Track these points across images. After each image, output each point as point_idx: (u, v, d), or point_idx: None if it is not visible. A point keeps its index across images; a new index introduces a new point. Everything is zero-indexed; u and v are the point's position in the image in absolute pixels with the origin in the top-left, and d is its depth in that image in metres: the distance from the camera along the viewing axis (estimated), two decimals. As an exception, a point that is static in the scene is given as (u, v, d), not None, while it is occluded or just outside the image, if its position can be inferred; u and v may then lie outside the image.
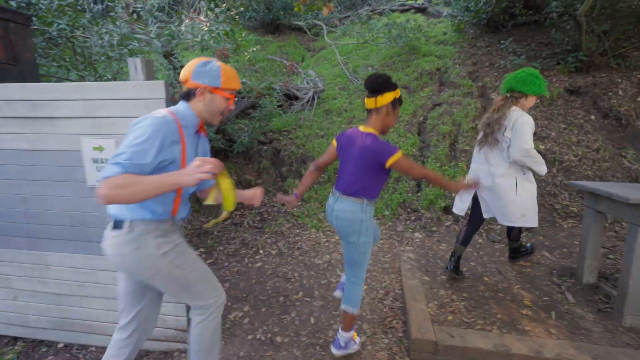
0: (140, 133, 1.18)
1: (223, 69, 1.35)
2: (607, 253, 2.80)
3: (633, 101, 4.23)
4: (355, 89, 5.55)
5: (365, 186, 1.70)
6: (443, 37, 6.35)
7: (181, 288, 1.38)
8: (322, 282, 2.65)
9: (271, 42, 8.08)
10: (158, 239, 1.31)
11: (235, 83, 1.39)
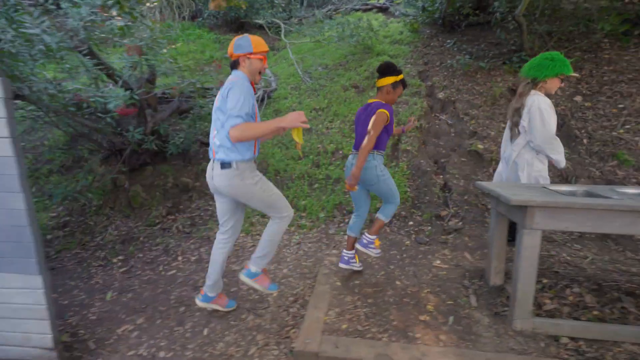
0: (237, 95, 1.74)
1: (252, 39, 1.89)
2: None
3: (570, 100, 4.28)
4: (306, 88, 5.46)
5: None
6: (399, 36, 6.33)
7: (267, 205, 1.97)
8: (232, 290, 2.54)
9: (229, 41, 7.89)
10: (252, 173, 1.90)
11: (263, 46, 1.92)
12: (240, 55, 1.88)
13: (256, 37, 1.91)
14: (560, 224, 1.76)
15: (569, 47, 4.85)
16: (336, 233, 3.38)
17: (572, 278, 2.32)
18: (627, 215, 1.70)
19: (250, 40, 1.87)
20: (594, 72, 4.52)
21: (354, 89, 5.23)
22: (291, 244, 3.23)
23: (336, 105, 4.90)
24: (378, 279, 2.53)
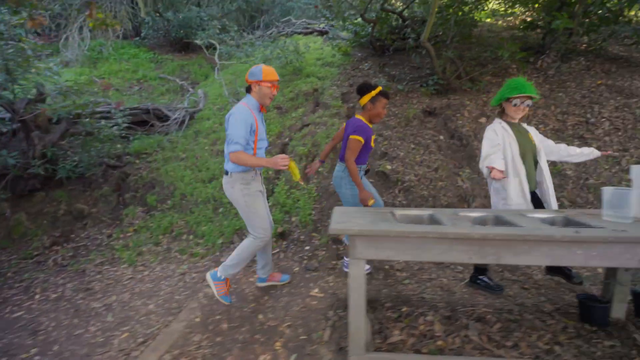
0: (237, 123, 2.10)
1: (263, 69, 2.19)
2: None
3: (475, 122, 4.45)
4: (230, 109, 5.37)
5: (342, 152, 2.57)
6: (331, 59, 6.46)
7: (246, 219, 2.31)
8: (77, 333, 2.28)
9: (171, 61, 7.78)
10: (244, 184, 2.21)
11: (272, 76, 2.21)
12: (252, 82, 2.21)
13: (268, 67, 2.20)
14: (382, 252, 1.70)
15: (479, 71, 5.10)
16: (228, 261, 3.20)
17: (434, 304, 2.26)
18: (444, 242, 1.66)
19: (261, 69, 2.17)
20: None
21: (277, 110, 5.21)
22: (175, 274, 3.02)
23: (255, 126, 4.83)
24: (243, 313, 2.36)
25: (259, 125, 2.23)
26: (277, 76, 2.23)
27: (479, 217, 2.04)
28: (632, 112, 4.10)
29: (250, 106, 2.22)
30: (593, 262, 1.60)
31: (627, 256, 1.58)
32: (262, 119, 2.35)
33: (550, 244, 1.60)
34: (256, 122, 2.21)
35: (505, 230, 1.61)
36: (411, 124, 4.64)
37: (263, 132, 2.31)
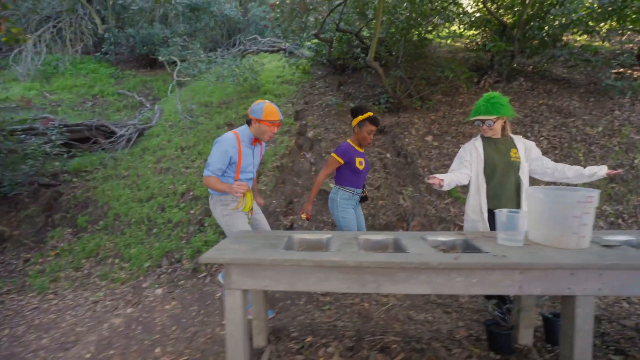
0: (216, 151, 2.17)
1: (265, 107, 2.17)
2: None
3: (421, 140, 4.48)
4: (182, 126, 5.28)
5: (336, 175, 2.59)
6: (291, 77, 6.50)
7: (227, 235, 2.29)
8: None
9: (133, 77, 7.68)
10: (224, 206, 2.26)
11: (273, 116, 2.18)
12: (252, 118, 2.21)
13: (270, 107, 2.18)
14: (258, 282, 1.59)
15: (430, 90, 5.20)
16: (150, 286, 3.01)
17: (342, 333, 2.15)
18: (322, 270, 1.57)
19: (262, 109, 2.17)
20: (446, 114, 4.83)
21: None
22: (86, 303, 2.81)
23: (203, 144, 4.72)
24: (142, 347, 2.18)
25: (242, 157, 2.23)
26: (279, 115, 2.21)
27: (380, 240, 1.97)
28: (568, 131, 4.21)
29: (242, 137, 2.23)
30: (474, 289, 1.54)
31: (507, 282, 1.52)
32: (253, 152, 2.32)
33: (428, 271, 1.53)
34: (239, 154, 2.21)
35: (382, 258, 1.53)
36: (360, 141, 4.63)
37: (249, 165, 2.31)
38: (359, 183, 2.57)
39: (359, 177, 2.55)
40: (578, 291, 1.50)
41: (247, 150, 2.27)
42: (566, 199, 1.63)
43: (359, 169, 2.52)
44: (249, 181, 2.37)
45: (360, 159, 2.53)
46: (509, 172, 2.24)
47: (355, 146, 2.55)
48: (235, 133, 2.24)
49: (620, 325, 2.24)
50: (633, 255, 1.53)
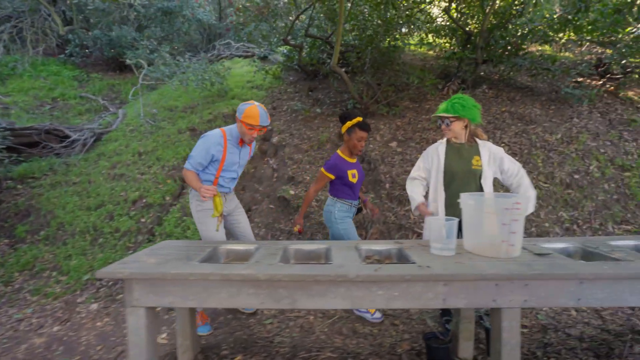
0: (199, 146, 2.18)
1: (247, 109, 2.11)
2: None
3: (385, 146, 4.44)
4: (143, 130, 5.08)
5: (331, 187, 2.45)
6: (262, 82, 6.41)
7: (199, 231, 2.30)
8: None
9: (100, 80, 7.42)
10: (197, 201, 2.25)
11: (251, 120, 2.09)
12: (236, 117, 2.17)
13: (252, 110, 2.09)
14: (163, 298, 1.45)
15: (398, 96, 5.19)
16: (85, 301, 2.80)
17: (278, 350, 2.01)
18: (232, 284, 1.44)
19: (244, 110, 2.11)
20: (412, 120, 4.82)
21: (190, 132, 4.97)
22: (9, 321, 2.57)
23: (162, 150, 4.54)
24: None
25: (227, 156, 2.19)
26: (259, 121, 2.09)
27: (312, 250, 1.86)
28: (529, 138, 4.25)
29: (229, 135, 2.21)
30: (396, 303, 1.44)
31: (430, 295, 1.43)
32: (240, 152, 2.27)
33: (346, 284, 1.43)
34: (224, 153, 2.18)
35: (295, 270, 1.42)
36: (324, 147, 4.55)
37: (233, 164, 2.25)
38: (355, 195, 2.44)
39: (354, 189, 2.41)
40: (503, 303, 1.42)
41: (233, 149, 2.22)
42: (494, 205, 1.56)
43: (352, 182, 2.36)
44: (232, 181, 2.32)
45: (352, 171, 2.35)
46: (468, 180, 2.14)
47: (345, 157, 2.38)
48: (222, 131, 2.21)
49: (565, 334, 2.19)
50: (560, 264, 1.47)
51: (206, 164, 2.18)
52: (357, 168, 2.42)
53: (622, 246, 1.81)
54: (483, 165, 2.15)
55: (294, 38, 6.09)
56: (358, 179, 2.40)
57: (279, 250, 1.76)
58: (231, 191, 2.38)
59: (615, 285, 1.41)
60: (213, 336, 2.22)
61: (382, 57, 5.23)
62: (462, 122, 2.15)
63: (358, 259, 1.59)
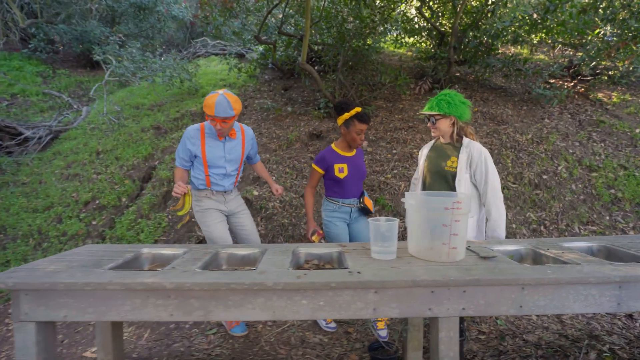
0: (180, 143, 2.11)
1: (207, 97, 1.95)
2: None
3: (355, 146, 4.33)
4: (105, 129, 4.84)
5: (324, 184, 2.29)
6: (236, 80, 6.23)
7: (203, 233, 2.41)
8: None
9: (67, 77, 7.10)
10: (195, 201, 2.19)
11: (207, 109, 1.94)
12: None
13: (211, 98, 1.93)
14: (56, 312, 1.26)
15: (371, 95, 5.10)
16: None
17: (213, 364, 1.85)
18: (136, 294, 1.28)
19: (206, 98, 1.95)
20: (384, 119, 4.73)
21: (155, 130, 4.75)
22: None
23: (122, 149, 4.31)
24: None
25: (206, 151, 2.08)
26: (213, 111, 1.92)
27: (246, 255, 1.71)
28: (499, 138, 4.21)
29: (207, 128, 2.11)
30: (322, 313, 1.30)
31: (359, 304, 1.29)
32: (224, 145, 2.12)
33: (266, 293, 1.28)
34: (202, 146, 2.07)
35: (207, 278, 1.26)
36: (293, 147, 4.40)
37: (218, 159, 2.12)
38: (345, 193, 2.18)
39: (342, 186, 2.17)
40: (440, 312, 1.30)
41: (213, 142, 2.10)
42: (433, 205, 1.44)
43: (338, 177, 2.14)
44: (224, 178, 2.17)
45: (340, 165, 2.14)
46: (440, 182, 2.00)
47: (338, 150, 2.18)
48: (202, 124, 2.12)
49: (523, 340, 2.09)
50: (502, 269, 1.36)
51: (188, 159, 2.11)
52: (350, 162, 2.17)
53: (574, 248, 1.72)
54: (459, 166, 1.97)
55: (268, 35, 5.95)
56: (348, 175, 2.14)
57: (208, 254, 1.60)
58: (231, 190, 2.22)
59: (558, 291, 1.30)
60: (147, 349, 2.04)
61: (355, 55, 5.14)
62: (449, 119, 2.02)
63: (287, 265, 1.44)
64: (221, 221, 2.17)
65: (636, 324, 2.22)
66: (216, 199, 2.18)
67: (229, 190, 2.21)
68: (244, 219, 2.27)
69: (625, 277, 1.29)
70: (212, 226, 2.13)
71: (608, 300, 1.31)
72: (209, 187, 2.15)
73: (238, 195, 2.33)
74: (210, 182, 2.14)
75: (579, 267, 1.36)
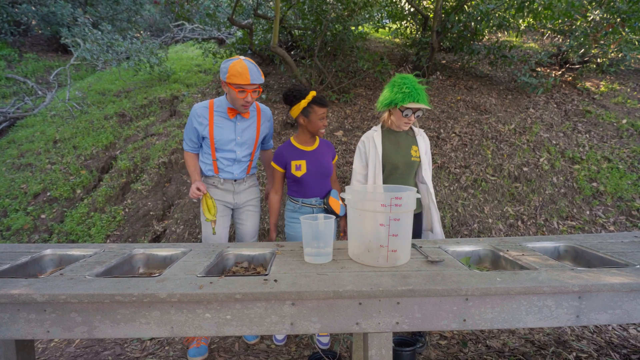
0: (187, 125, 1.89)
1: (231, 66, 1.70)
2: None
3: (330, 135, 4.10)
4: (67, 116, 4.55)
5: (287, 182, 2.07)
6: (211, 66, 5.93)
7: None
8: None
9: (35, 61, 6.73)
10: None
11: (239, 79, 1.68)
12: (221, 81, 1.78)
13: (238, 65, 1.69)
14: None
15: (351, 82, 4.85)
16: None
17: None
18: (7, 307, 1.07)
19: (228, 67, 1.72)
20: (362, 108, 4.50)
21: (119, 117, 4.48)
22: None
23: (81, 137, 4.04)
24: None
25: (215, 131, 1.83)
26: (249, 78, 1.68)
27: (167, 256, 1.50)
28: (481, 128, 4.01)
29: (216, 105, 1.85)
30: (230, 329, 1.10)
31: (274, 319, 1.10)
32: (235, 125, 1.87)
33: (162, 306, 1.07)
34: (210, 126, 1.82)
35: (91, 289, 1.05)
36: (264, 136, 4.18)
37: (229, 142, 1.86)
38: (305, 192, 1.94)
39: (301, 185, 1.94)
40: (369, 327, 1.11)
41: (222, 122, 1.84)
42: (368, 201, 1.24)
43: (294, 175, 1.91)
44: (233, 163, 1.90)
45: (297, 162, 1.90)
46: (409, 174, 1.89)
47: (297, 144, 1.94)
48: (210, 101, 1.87)
49: (486, 346, 1.94)
50: (445, 276, 1.16)
51: (196, 140, 1.88)
52: (310, 158, 1.92)
53: (538, 249, 1.54)
54: (421, 155, 1.91)
55: (245, 18, 5.63)
56: (307, 173, 1.90)
57: (119, 256, 1.39)
58: (242, 179, 1.96)
59: (509, 302, 1.12)
60: (72, 357, 1.85)
61: (334, 40, 4.87)
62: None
63: (201, 270, 1.24)
64: (222, 217, 1.91)
65: (609, 328, 2.08)
66: (224, 189, 1.92)
67: (239, 179, 1.95)
68: (247, 214, 2.01)
69: (586, 286, 1.11)
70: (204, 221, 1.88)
71: (565, 313, 1.13)
72: (217, 173, 1.90)
73: (253, 186, 2.04)
74: (218, 168, 1.90)
75: (534, 275, 1.17)
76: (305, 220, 1.32)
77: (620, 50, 4.50)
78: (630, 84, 4.84)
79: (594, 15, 4.25)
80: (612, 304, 1.13)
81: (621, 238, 1.62)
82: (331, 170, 1.98)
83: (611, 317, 1.14)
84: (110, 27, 6.28)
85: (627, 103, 4.37)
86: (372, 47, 6.17)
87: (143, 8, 8.08)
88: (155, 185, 3.55)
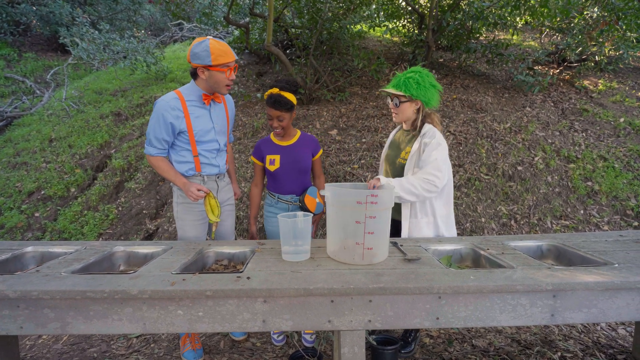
0: (151, 118, 1.67)
1: (212, 48, 1.57)
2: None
3: (325, 134, 4.09)
4: (63, 115, 4.58)
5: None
6: (209, 65, 5.94)
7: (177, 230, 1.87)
8: None
9: (34, 60, 6.78)
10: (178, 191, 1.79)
11: (226, 58, 1.59)
12: (198, 66, 1.62)
13: (219, 46, 1.59)
14: None
15: (346, 81, 4.84)
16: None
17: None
18: (-21, 304, 1.08)
19: (209, 50, 1.57)
20: (357, 107, 4.49)
21: (115, 116, 4.50)
22: None
23: (76, 136, 4.07)
24: None
25: (193, 121, 1.68)
26: (233, 54, 1.62)
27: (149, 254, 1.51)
28: (476, 127, 3.99)
29: (186, 95, 1.68)
30: (202, 326, 1.10)
31: (246, 315, 1.10)
32: (210, 112, 1.74)
33: (135, 302, 1.08)
34: (186, 117, 1.66)
35: (62, 286, 1.06)
36: (259, 135, 4.17)
37: (207, 132, 1.72)
38: (280, 187, 1.93)
39: (276, 180, 1.92)
40: (341, 325, 1.11)
41: (198, 111, 1.70)
42: (345, 199, 1.24)
43: (269, 169, 1.90)
44: (217, 154, 1.79)
45: (272, 157, 1.88)
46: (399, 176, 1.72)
47: (273, 139, 1.94)
48: (177, 92, 1.69)
49: (471, 346, 1.93)
50: (419, 274, 1.15)
51: (169, 139, 1.67)
52: (285, 153, 1.89)
53: (521, 247, 1.53)
54: (409, 158, 1.72)
55: (242, 17, 5.64)
56: (280, 168, 1.87)
57: (99, 253, 1.40)
58: (223, 174, 1.87)
59: (482, 300, 1.11)
60: (58, 354, 1.86)
61: (330, 39, 4.86)
62: (414, 104, 1.72)
63: (177, 267, 1.24)
64: (203, 220, 1.80)
65: (597, 328, 2.06)
66: (208, 187, 1.77)
67: (222, 173, 1.85)
68: (225, 214, 1.91)
69: (560, 284, 1.10)
70: (189, 225, 1.78)
71: (540, 311, 1.12)
72: (199, 171, 1.75)
73: (228, 184, 1.95)
74: (200, 165, 1.74)
75: (509, 273, 1.17)
76: (283, 217, 1.32)
77: (617, 48, 4.46)
78: (629, 82, 4.80)
79: (591, 13, 4.22)
80: (587, 302, 1.12)
81: (605, 237, 1.61)
82: (308, 166, 1.92)
83: (586, 316, 1.13)
84: (108, 27, 6.33)
85: (625, 101, 4.32)
86: (369, 46, 6.15)
87: (142, 7, 8.12)
88: (149, 184, 3.56)
